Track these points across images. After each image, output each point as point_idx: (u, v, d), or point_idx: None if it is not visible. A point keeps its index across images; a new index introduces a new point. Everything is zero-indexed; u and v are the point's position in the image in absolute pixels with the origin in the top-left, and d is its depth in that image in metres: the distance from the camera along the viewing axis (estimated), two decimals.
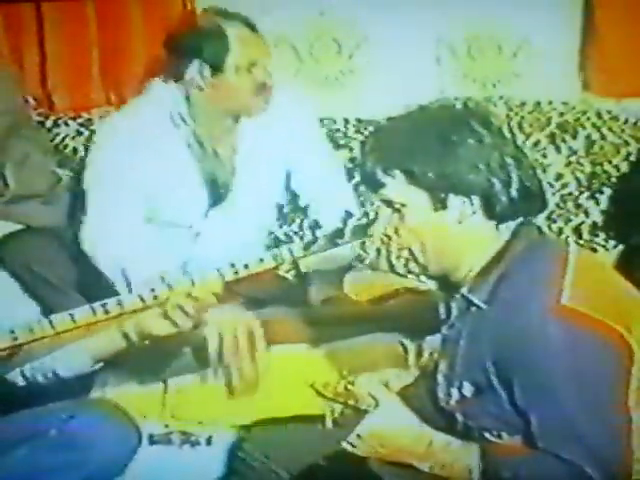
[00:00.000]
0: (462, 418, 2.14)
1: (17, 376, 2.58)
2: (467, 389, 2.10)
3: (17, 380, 2.59)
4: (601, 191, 3.64)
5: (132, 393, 2.86)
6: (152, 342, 2.58)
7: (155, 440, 2.72)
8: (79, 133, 3.77)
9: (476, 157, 2.03)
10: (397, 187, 2.07)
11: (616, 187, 3.66)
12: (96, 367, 2.61)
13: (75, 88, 3.85)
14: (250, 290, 2.83)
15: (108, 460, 2.48)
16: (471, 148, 2.03)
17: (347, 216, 2.59)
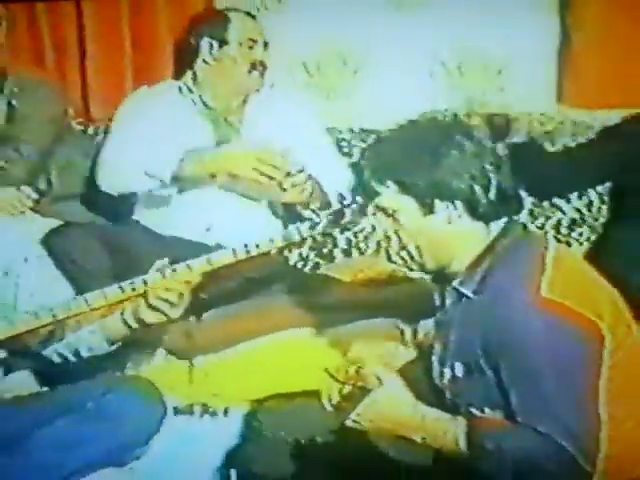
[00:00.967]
0: (451, 395, 2.11)
1: (53, 354, 2.55)
2: (458, 369, 2.07)
3: (54, 358, 2.56)
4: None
5: (161, 370, 2.86)
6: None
7: (179, 411, 2.72)
8: None
9: (459, 166, 2.02)
10: (390, 196, 2.05)
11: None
12: (112, 348, 2.54)
13: (110, 100, 3.87)
14: (254, 270, 2.82)
15: (137, 431, 2.43)
16: (455, 158, 2.02)
17: (341, 198, 2.58)
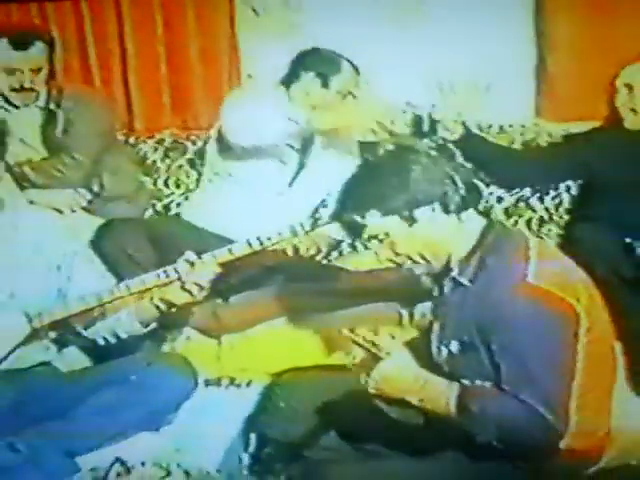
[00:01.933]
0: (447, 369, 2.08)
1: (97, 336, 2.55)
2: (454, 347, 2.05)
3: (98, 339, 2.56)
4: (547, 193, 3.52)
5: (193, 348, 2.83)
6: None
7: (209, 383, 2.71)
8: (155, 149, 3.74)
9: (425, 177, 1.98)
10: (376, 222, 2.01)
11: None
12: (147, 330, 2.53)
13: (150, 115, 3.93)
14: (271, 260, 2.79)
15: (168, 400, 2.45)
16: (418, 172, 1.98)
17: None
